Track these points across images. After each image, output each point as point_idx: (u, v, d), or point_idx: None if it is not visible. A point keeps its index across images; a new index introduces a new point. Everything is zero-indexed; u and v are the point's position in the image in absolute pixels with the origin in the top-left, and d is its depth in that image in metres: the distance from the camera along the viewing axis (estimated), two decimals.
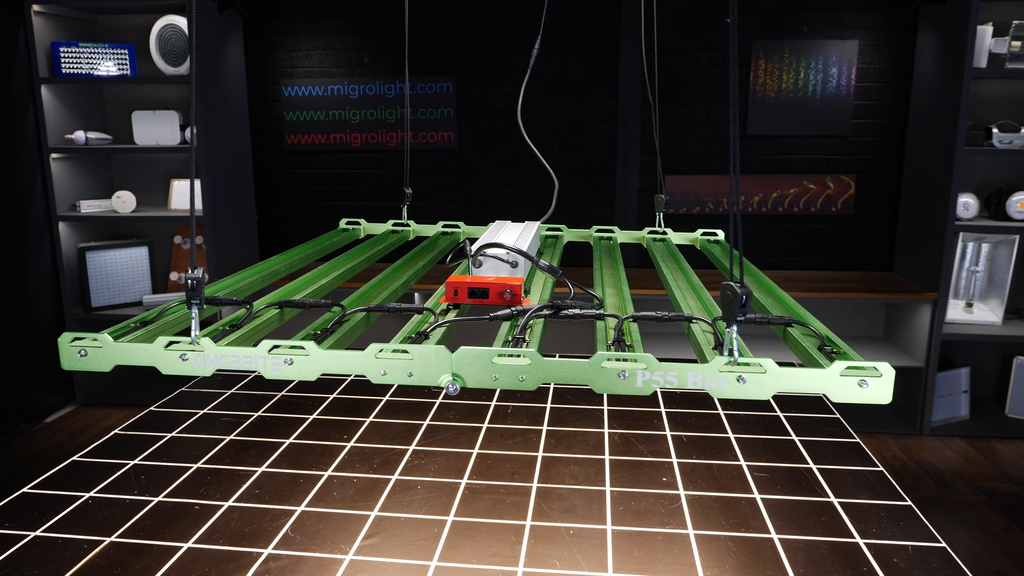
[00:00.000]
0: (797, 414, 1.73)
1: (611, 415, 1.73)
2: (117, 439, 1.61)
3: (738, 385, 0.70)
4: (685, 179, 3.71)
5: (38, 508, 1.32)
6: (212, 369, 0.76)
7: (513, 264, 1.04)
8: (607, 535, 1.23)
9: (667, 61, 3.59)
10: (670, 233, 1.52)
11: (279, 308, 0.93)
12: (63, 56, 3.39)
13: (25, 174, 3.36)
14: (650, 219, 3.75)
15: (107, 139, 3.56)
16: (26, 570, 1.13)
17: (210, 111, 3.47)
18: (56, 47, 3.38)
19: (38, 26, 3.34)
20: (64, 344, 0.77)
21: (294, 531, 1.25)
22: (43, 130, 3.40)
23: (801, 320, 0.91)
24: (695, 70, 3.60)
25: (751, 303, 0.90)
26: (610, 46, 3.62)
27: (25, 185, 3.37)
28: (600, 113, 3.70)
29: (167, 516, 1.29)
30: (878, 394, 0.70)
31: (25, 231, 3.37)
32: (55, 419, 3.53)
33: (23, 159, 3.35)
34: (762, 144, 3.64)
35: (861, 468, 1.46)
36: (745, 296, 0.69)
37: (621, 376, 0.71)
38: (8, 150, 3.26)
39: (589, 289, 0.99)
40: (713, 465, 1.48)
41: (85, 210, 3.53)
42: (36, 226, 3.43)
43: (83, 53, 3.42)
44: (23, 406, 3.39)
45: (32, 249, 3.41)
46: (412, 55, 3.75)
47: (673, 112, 3.65)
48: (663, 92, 3.63)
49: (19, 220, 3.33)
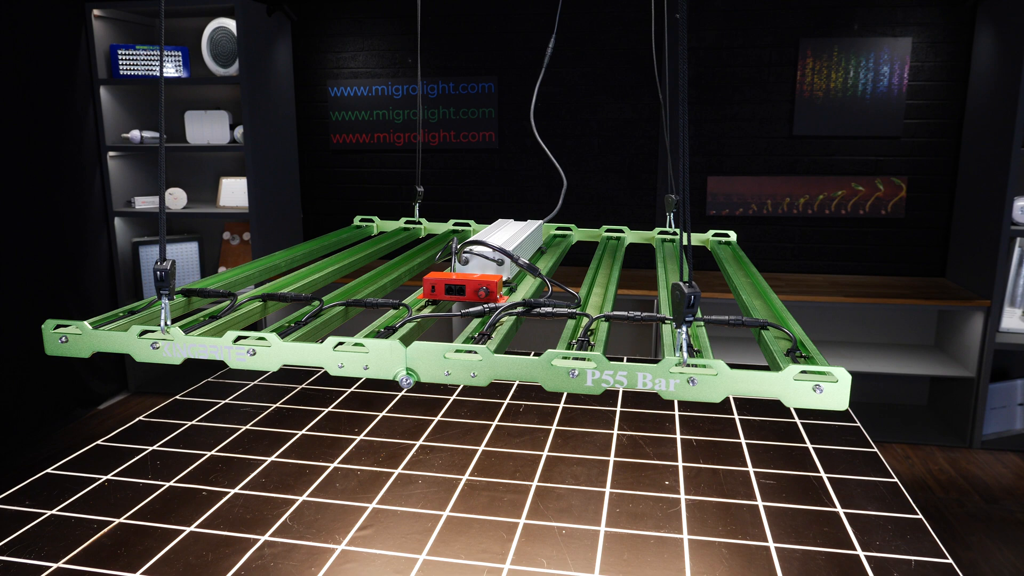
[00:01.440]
0: (815, 421, 1.68)
1: (623, 417, 1.71)
2: (141, 425, 1.68)
3: (689, 387, 0.69)
4: (730, 180, 3.64)
5: (58, 488, 1.38)
6: (181, 358, 0.79)
7: (499, 263, 1.04)
8: (599, 536, 1.22)
9: (712, 60, 3.54)
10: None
11: (263, 301, 0.95)
12: (121, 58, 3.54)
13: (84, 171, 3.52)
14: (693, 221, 3.70)
15: None
16: (37, 547, 1.19)
17: (258, 111, 3.57)
18: (114, 49, 3.53)
19: (98, 29, 3.49)
20: (48, 330, 0.81)
21: (292, 520, 1.28)
22: (101, 129, 3.55)
23: (779, 323, 0.88)
24: (741, 69, 3.53)
25: (749, 307, 0.88)
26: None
27: (84, 182, 3.53)
28: (643, 113, 3.66)
29: (175, 500, 1.34)
30: (833, 400, 0.68)
31: (84, 225, 3.53)
32: (108, 406, 3.69)
33: (83, 157, 3.51)
34: (809, 144, 3.54)
35: (874, 479, 1.41)
36: (693, 296, 0.68)
37: (571, 375, 0.71)
38: (69, 148, 3.42)
39: (570, 288, 0.99)
40: (719, 470, 1.45)
41: (139, 206, 3.68)
42: (94, 221, 3.59)
43: (139, 55, 3.56)
44: (79, 392, 3.56)
45: (90, 242, 3.57)
46: (454, 55, 3.78)
47: (718, 112, 3.58)
48: (707, 92, 3.57)
49: (78, 215, 3.49)
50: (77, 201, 3.49)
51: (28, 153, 3.19)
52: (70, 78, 3.41)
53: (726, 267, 1.24)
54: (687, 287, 0.67)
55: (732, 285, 1.12)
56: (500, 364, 0.72)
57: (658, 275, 1.14)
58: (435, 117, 3.89)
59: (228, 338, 0.77)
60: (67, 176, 3.43)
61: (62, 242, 3.40)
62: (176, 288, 0.89)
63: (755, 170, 3.62)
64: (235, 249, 3.96)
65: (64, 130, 3.39)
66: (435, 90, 3.85)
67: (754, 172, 3.62)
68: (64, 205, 3.41)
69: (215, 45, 3.56)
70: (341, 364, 0.75)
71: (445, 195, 3.94)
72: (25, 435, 3.23)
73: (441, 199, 3.94)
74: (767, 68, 3.50)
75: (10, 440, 3.15)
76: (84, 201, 3.53)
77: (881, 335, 3.62)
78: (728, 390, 0.69)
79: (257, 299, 0.95)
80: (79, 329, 0.80)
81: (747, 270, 1.20)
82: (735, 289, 1.09)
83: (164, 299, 0.78)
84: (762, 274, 3.58)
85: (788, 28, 3.45)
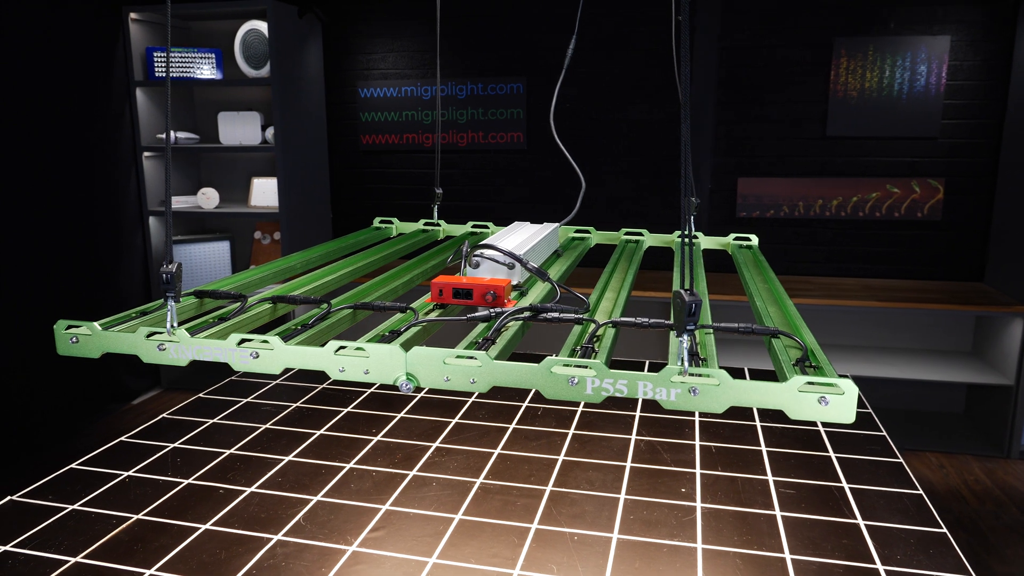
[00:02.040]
0: (839, 430, 1.64)
1: (642, 422, 1.69)
2: (164, 423, 1.70)
3: (690, 397, 0.68)
4: (761, 181, 3.59)
5: (80, 483, 1.41)
6: (187, 359, 0.79)
7: (510, 267, 1.04)
8: (611, 543, 1.21)
9: (743, 60, 3.49)
10: (701, 237, 1.47)
11: (272, 303, 0.96)
12: (156, 60, 3.61)
13: (120, 171, 3.60)
14: (723, 223, 3.65)
15: (195, 138, 3.76)
16: (57, 540, 1.21)
17: (288, 112, 3.62)
18: (150, 52, 3.60)
19: (134, 32, 3.57)
20: (59, 331, 0.82)
21: (306, 520, 1.28)
22: (137, 130, 3.62)
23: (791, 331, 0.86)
24: (772, 69, 3.47)
25: (762, 313, 0.86)
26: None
27: (120, 181, 3.60)
28: (671, 114, 3.63)
29: (193, 498, 1.36)
30: (839, 413, 0.66)
31: (119, 224, 3.60)
32: (140, 401, 3.76)
33: (119, 157, 3.59)
34: (842, 145, 3.47)
35: (898, 490, 1.38)
36: (694, 304, 0.66)
37: (570, 382, 0.70)
38: (105, 149, 3.50)
39: (579, 293, 0.98)
40: (737, 479, 1.43)
41: (173, 206, 3.74)
42: (129, 220, 3.67)
43: (174, 57, 3.62)
44: (114, 387, 3.63)
45: (125, 241, 3.64)
46: (483, 56, 3.78)
47: (748, 112, 3.53)
48: (738, 92, 3.52)
49: (114, 214, 3.57)
50: (113, 201, 3.56)
51: (66, 153, 3.26)
52: (107, 80, 3.48)
53: (744, 271, 1.22)
54: (688, 295, 0.66)
55: (748, 290, 1.10)
56: (499, 370, 0.71)
57: (673, 280, 1.13)
58: (464, 118, 3.89)
59: (232, 340, 0.77)
60: (103, 176, 3.50)
61: (98, 241, 3.48)
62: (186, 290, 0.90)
63: (787, 171, 3.56)
64: (266, 248, 4.01)
65: (101, 131, 3.47)
66: (464, 91, 3.86)
67: (786, 173, 3.56)
68: (100, 204, 3.48)
69: (247, 47, 3.61)
70: (342, 368, 0.75)
71: (473, 196, 3.94)
72: (59, 429, 3.31)
73: (469, 200, 3.95)
74: (800, 68, 3.44)
75: (44, 434, 3.23)
76: (120, 201, 3.60)
77: (916, 341, 3.53)
78: (730, 400, 0.67)
79: (267, 301, 0.96)
80: (89, 330, 0.81)
81: (765, 275, 1.18)
82: (751, 294, 1.07)
83: (170, 301, 0.79)
84: (793, 277, 3.53)
85: (822, 27, 3.39)
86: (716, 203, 3.65)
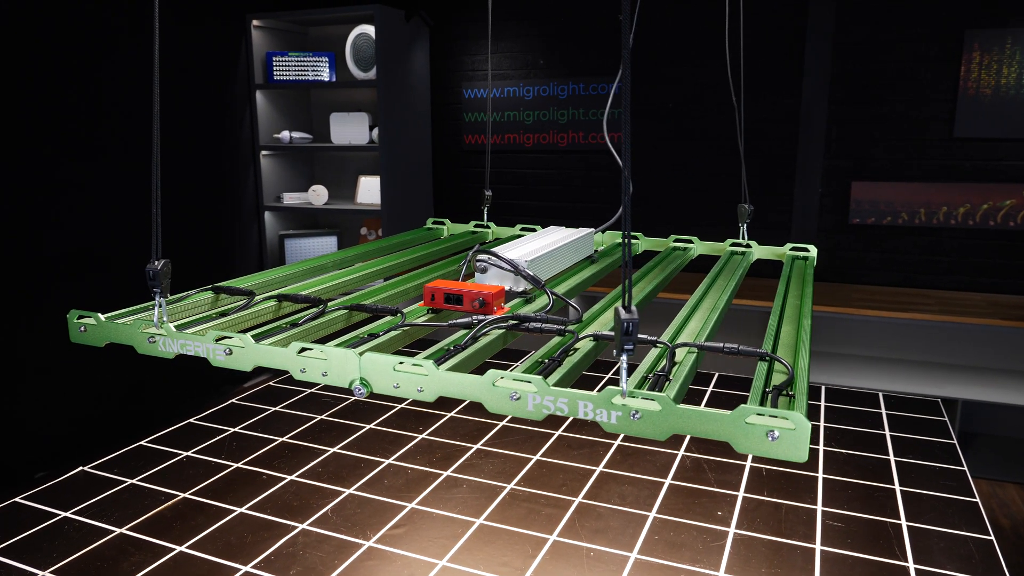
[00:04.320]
0: (914, 460, 1.50)
1: (694, 437, 1.62)
2: (233, 407, 1.81)
3: (631, 421, 0.64)
4: (877, 186, 3.34)
5: (144, 459, 1.52)
6: (173, 353, 0.83)
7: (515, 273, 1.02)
8: (627, 563, 1.17)
9: (859, 55, 3.26)
10: (755, 247, 1.38)
11: (278, 301, 0.99)
12: (275, 64, 3.82)
13: (240, 169, 3.85)
14: (833, 230, 3.43)
15: (308, 138, 3.96)
16: (109, 512, 1.31)
17: (393, 112, 3.73)
18: (270, 56, 3.82)
19: (256, 38, 3.80)
20: (72, 320, 0.89)
21: (333, 512, 1.32)
22: (256, 130, 3.86)
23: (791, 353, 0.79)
24: (893, 65, 3.22)
25: (771, 330, 0.82)
26: (794, 39, 3.35)
27: (239, 178, 3.85)
28: (779, 112, 3.44)
29: (237, 481, 1.43)
30: (788, 449, 0.60)
31: (238, 218, 3.85)
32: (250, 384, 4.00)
33: (239, 156, 3.83)
34: (972, 148, 3.17)
35: (964, 533, 1.24)
36: (630, 324, 0.62)
37: (511, 397, 0.67)
38: (227, 148, 3.75)
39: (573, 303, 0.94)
40: (783, 505, 1.34)
41: (287, 202, 3.96)
42: (247, 214, 3.91)
43: (291, 61, 3.83)
44: (229, 370, 3.89)
45: (242, 234, 3.89)
46: (582, 56, 3.75)
47: (866, 112, 3.29)
48: (854, 90, 3.29)
49: (233, 208, 3.82)
50: (233, 196, 3.81)
51: (198, 151, 3.53)
52: (230, 83, 3.73)
53: (784, 283, 1.14)
54: (625, 312, 0.62)
55: (776, 303, 1.02)
56: (445, 381, 0.70)
57: (698, 288, 1.07)
58: (564, 118, 3.87)
59: (210, 337, 0.80)
60: (228, 172, 3.76)
61: (222, 231, 3.74)
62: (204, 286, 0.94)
63: (907, 175, 3.29)
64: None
65: (224, 131, 3.72)
66: (564, 91, 3.84)
67: (906, 178, 3.29)
68: (222, 199, 3.74)
69: (357, 51, 3.76)
70: (303, 369, 0.76)
71: (572, 197, 3.91)
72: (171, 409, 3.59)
73: (567, 201, 3.92)
74: (924, 64, 3.17)
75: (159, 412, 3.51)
76: (239, 196, 3.85)
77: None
78: (672, 428, 0.63)
79: (273, 299, 0.99)
80: (95, 320, 0.87)
81: (803, 291, 1.09)
82: (775, 309, 0.99)
83: (158, 297, 0.83)
84: (909, 290, 3.26)
85: (951, 19, 3.10)
86: (826, 208, 3.43)
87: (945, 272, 3.30)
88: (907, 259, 3.34)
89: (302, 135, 3.94)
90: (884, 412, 1.75)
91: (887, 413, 1.74)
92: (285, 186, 4.08)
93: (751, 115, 3.48)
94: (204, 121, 3.58)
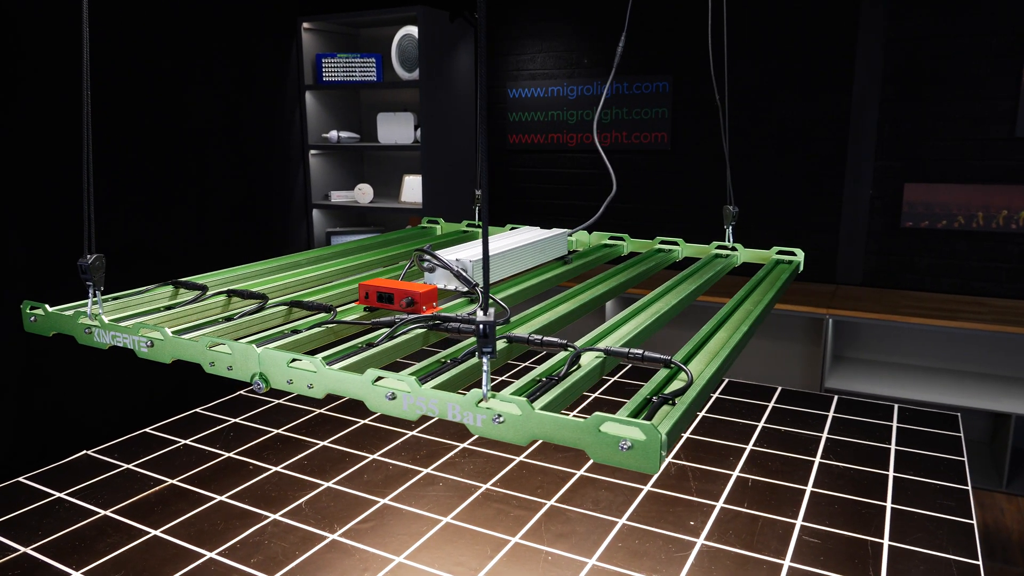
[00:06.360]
0: (913, 477, 1.42)
1: (686, 444, 1.58)
2: (239, 399, 1.86)
3: (494, 425, 0.62)
4: (932, 188, 3.18)
5: (144, 446, 1.58)
6: (107, 343, 0.87)
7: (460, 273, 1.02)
8: (583, 569, 1.15)
9: (913, 51, 3.10)
10: (740, 249, 1.34)
11: (228, 296, 1.02)
12: (324, 65, 3.92)
13: (290, 167, 3.96)
14: (884, 233, 3.28)
15: (355, 137, 4.04)
16: (99, 494, 1.38)
17: (436, 112, 3.77)
18: (319, 58, 3.92)
19: (306, 40, 3.90)
20: (25, 310, 0.93)
21: (308, 504, 1.35)
22: (305, 130, 3.97)
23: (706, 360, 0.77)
24: (950, 60, 3.05)
25: (701, 335, 0.81)
26: (844, 34, 3.22)
27: (290, 176, 3.97)
28: (828, 111, 3.31)
29: (226, 470, 1.47)
30: (640, 461, 0.57)
31: (287, 215, 3.97)
32: None
33: (289, 155, 3.95)
34: None
35: (951, 556, 1.17)
36: (486, 326, 0.61)
37: (387, 397, 0.67)
38: (279, 147, 3.87)
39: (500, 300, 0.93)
40: (760, 518, 1.29)
41: (334, 199, 4.06)
42: (296, 211, 4.03)
43: (340, 62, 3.92)
44: None
45: (292, 230, 4.01)
46: (629, 54, 3.70)
47: (919, 110, 3.14)
48: (907, 87, 3.14)
49: (284, 205, 3.94)
50: (283, 193, 3.93)
51: (245, 151, 3.65)
52: (282, 84, 3.85)
53: (751, 285, 1.10)
54: (482, 316, 0.61)
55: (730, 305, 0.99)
56: (331, 379, 0.71)
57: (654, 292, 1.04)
58: (608, 118, 3.83)
59: (135, 329, 0.83)
60: (278, 170, 3.88)
61: (272, 227, 3.86)
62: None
63: (964, 177, 3.12)
64: None
65: (275, 131, 3.84)
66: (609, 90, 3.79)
67: (963, 179, 3.12)
68: (273, 196, 3.86)
69: (402, 51, 3.81)
70: (212, 362, 0.78)
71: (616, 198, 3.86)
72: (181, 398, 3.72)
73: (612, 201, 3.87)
74: (984, 59, 3.00)
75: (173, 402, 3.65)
76: (289, 194, 3.97)
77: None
78: (532, 433, 0.61)
79: (223, 294, 1.02)
80: (43, 311, 0.92)
81: (765, 296, 1.05)
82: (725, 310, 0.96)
83: (91, 290, 0.87)
84: (964, 297, 3.09)
85: (1013, 10, 2.92)
86: (877, 210, 3.28)
87: (1005, 280, 3.11)
88: (962, 265, 3.17)
89: (350, 135, 4.02)
90: (895, 425, 1.66)
91: (898, 426, 1.66)
92: (333, 184, 4.18)
93: (799, 113, 3.36)
94: (256, 121, 3.71)
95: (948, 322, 2.83)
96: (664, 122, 3.69)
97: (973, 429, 3.20)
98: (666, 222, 3.75)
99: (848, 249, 3.37)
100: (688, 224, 3.67)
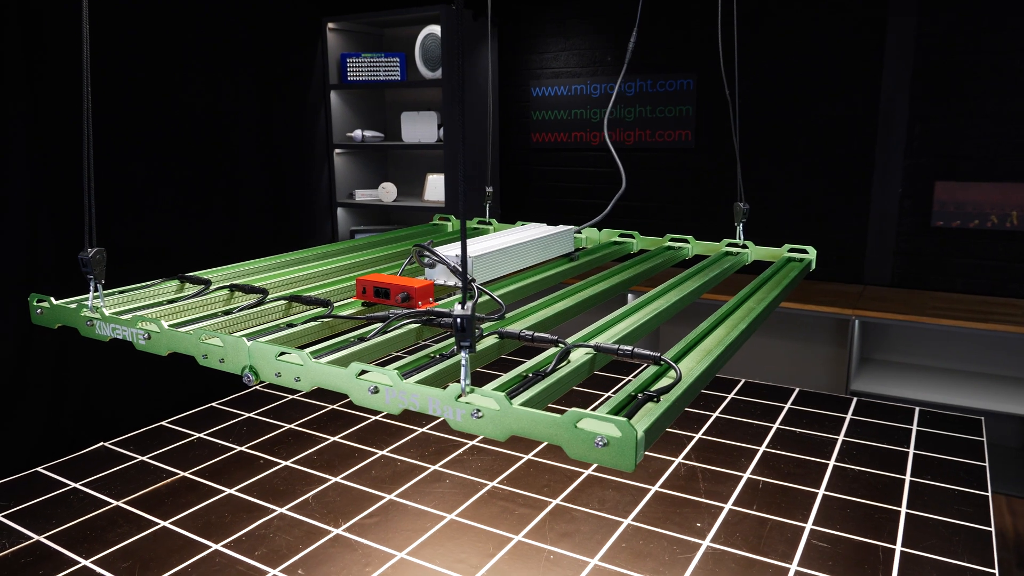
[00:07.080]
0: (931, 482, 1.39)
1: (697, 445, 1.56)
2: (256, 394, 1.88)
3: (473, 420, 0.62)
4: (964, 186, 3.10)
5: (159, 439, 1.60)
6: (108, 336, 0.88)
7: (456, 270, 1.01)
8: (585, 569, 1.14)
9: (944, 46, 3.03)
10: (750, 247, 1.32)
11: (230, 290, 1.03)
12: (349, 65, 3.95)
13: (315, 166, 4.00)
14: (914, 233, 3.21)
15: (379, 136, 4.07)
16: (112, 485, 1.40)
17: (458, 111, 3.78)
18: (344, 58, 3.95)
19: (331, 40, 3.93)
20: (32, 302, 0.95)
21: (315, 499, 1.36)
22: (330, 129, 4.00)
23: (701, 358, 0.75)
24: (983, 56, 2.98)
25: (700, 332, 0.80)
26: (873, 28, 3.16)
27: (314, 175, 4.00)
28: (857, 110, 3.25)
29: (237, 463, 1.49)
30: (616, 458, 0.56)
31: (312, 213, 4.01)
32: None
33: (314, 153, 3.99)
34: None
35: (965, 564, 1.14)
36: (463, 320, 0.60)
37: (370, 390, 0.67)
38: (303, 146, 3.90)
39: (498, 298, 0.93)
40: (769, 520, 1.27)
41: (359, 198, 4.08)
42: (320, 209, 4.06)
43: (364, 62, 3.94)
44: None
45: (316, 229, 4.05)
46: (653, 52, 3.67)
47: (952, 107, 3.06)
48: (938, 83, 3.06)
49: (308, 204, 3.98)
50: (308, 192, 3.97)
51: (271, 150, 3.70)
52: (306, 83, 3.88)
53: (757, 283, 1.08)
54: (461, 309, 0.61)
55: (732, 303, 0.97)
56: (316, 372, 0.71)
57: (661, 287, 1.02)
58: (631, 116, 3.80)
59: (133, 322, 0.84)
60: (303, 169, 3.91)
61: (297, 226, 3.90)
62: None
63: (998, 175, 3.03)
64: None
65: (300, 129, 3.88)
66: (632, 88, 3.77)
67: (997, 178, 3.04)
68: (297, 195, 3.90)
69: (425, 51, 3.83)
70: (205, 355, 0.79)
71: (634, 196, 3.84)
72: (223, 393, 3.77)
73: (637, 200, 3.85)
74: (1018, 53, 2.91)
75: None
76: (313, 192, 4.01)
77: None
78: (511, 429, 0.61)
79: (225, 288, 1.03)
80: (49, 304, 0.94)
81: (771, 295, 1.03)
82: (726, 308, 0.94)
83: (92, 283, 0.88)
84: (997, 299, 3.02)
85: None
86: (907, 210, 3.21)
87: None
88: (996, 266, 3.08)
89: (374, 134, 4.05)
90: (915, 428, 1.62)
91: (918, 430, 1.62)
92: (357, 183, 4.21)
93: (827, 111, 3.30)
94: (282, 121, 3.74)
95: (980, 324, 2.76)
96: (688, 120, 3.65)
97: (1003, 434, 3.11)
98: (689, 220, 3.71)
99: (876, 249, 3.31)
100: (710, 223, 3.63)
